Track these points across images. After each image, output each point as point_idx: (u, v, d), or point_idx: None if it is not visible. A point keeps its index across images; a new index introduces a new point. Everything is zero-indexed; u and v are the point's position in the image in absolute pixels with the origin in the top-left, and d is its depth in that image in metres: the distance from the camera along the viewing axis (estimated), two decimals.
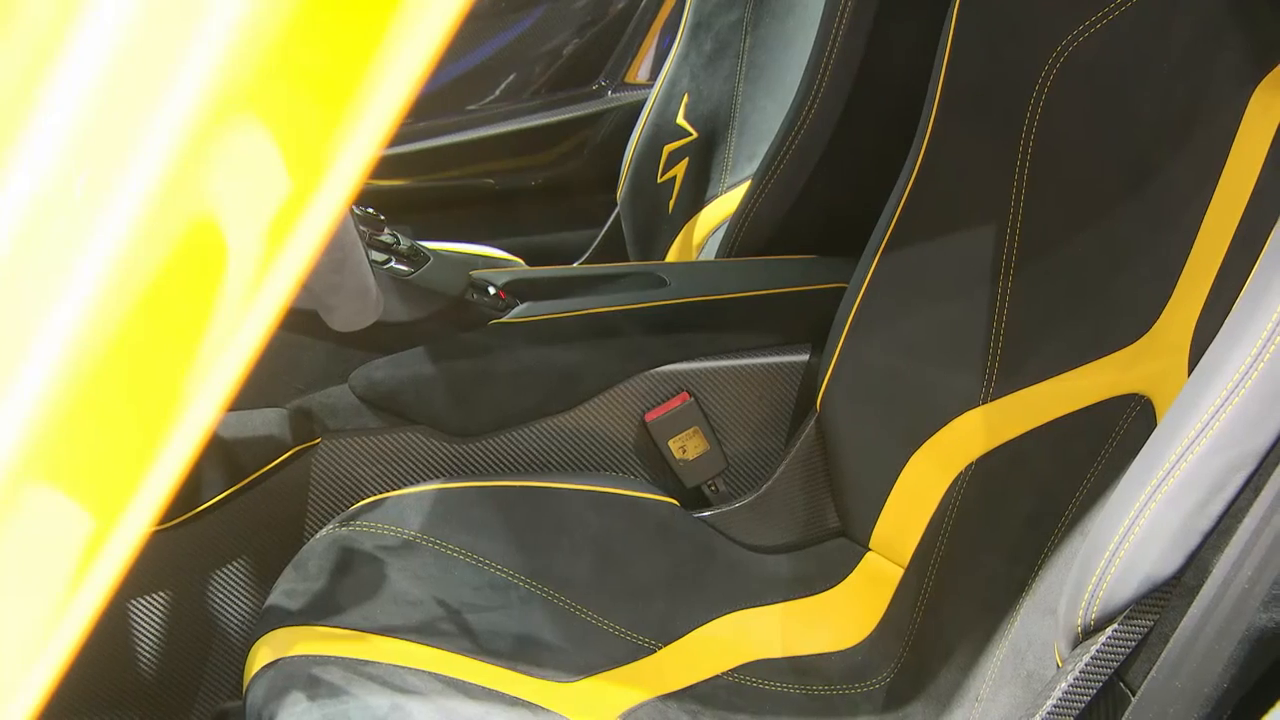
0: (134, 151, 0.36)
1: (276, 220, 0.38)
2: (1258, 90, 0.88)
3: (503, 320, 1.17)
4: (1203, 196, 0.91)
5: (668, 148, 1.66)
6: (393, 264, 1.12)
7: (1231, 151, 0.89)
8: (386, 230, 1.14)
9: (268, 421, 1.10)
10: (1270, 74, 0.87)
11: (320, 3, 0.37)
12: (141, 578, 1.07)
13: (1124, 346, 0.96)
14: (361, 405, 1.12)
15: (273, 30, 0.37)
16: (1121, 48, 0.95)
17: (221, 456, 1.07)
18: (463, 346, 1.14)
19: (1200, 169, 0.91)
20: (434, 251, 1.18)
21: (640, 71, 1.94)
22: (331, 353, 1.11)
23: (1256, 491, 0.71)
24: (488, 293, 1.19)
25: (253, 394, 1.10)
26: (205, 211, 0.38)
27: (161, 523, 1.06)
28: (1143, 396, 0.94)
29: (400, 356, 1.13)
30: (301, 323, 1.06)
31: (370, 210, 1.14)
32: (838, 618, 1.14)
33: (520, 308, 1.19)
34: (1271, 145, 0.86)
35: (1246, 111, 0.88)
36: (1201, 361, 0.77)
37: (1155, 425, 0.82)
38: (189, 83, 0.36)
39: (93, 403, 0.38)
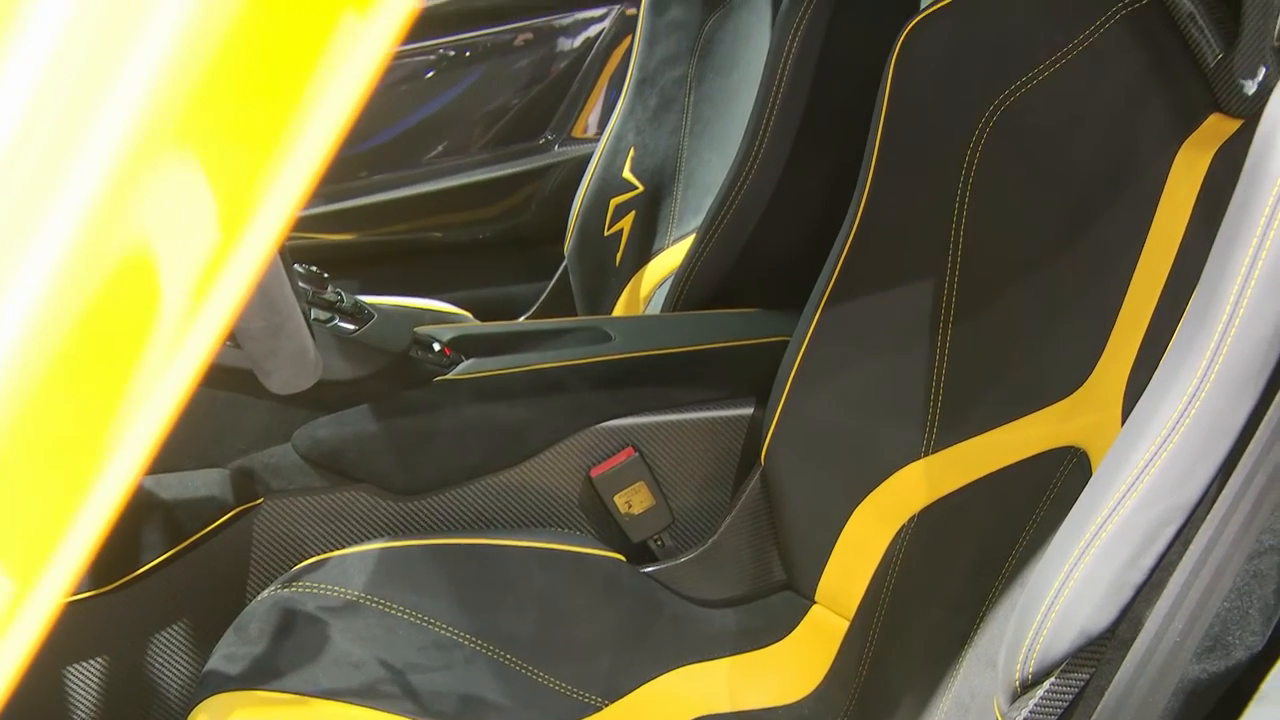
0: (56, 194, 0.36)
1: (202, 269, 0.38)
2: (1182, 149, 0.90)
3: (447, 377, 1.17)
4: (1132, 252, 0.93)
5: (614, 201, 1.68)
6: (336, 322, 1.11)
7: (1158, 208, 0.91)
8: (330, 288, 1.14)
9: (209, 482, 1.09)
10: (1193, 133, 0.90)
11: (246, 43, 0.37)
12: (78, 643, 1.06)
13: (1060, 399, 0.98)
14: (305, 464, 1.12)
15: (198, 72, 0.37)
16: (1051, 107, 0.98)
17: (161, 518, 1.06)
18: (407, 404, 1.14)
19: (1129, 225, 0.93)
20: (379, 308, 1.18)
21: (588, 126, 1.95)
22: (274, 412, 1.11)
23: (1186, 545, 0.72)
24: (432, 349, 1.19)
25: (194, 455, 1.09)
26: (127, 261, 0.38)
27: (98, 586, 1.05)
28: (1079, 449, 0.96)
29: (344, 415, 1.13)
30: (243, 382, 1.06)
31: (314, 268, 1.14)
32: (784, 671, 1.14)
33: (465, 364, 1.19)
34: (1196, 202, 0.88)
35: (1171, 169, 0.90)
36: (1131, 416, 0.78)
37: (1091, 478, 0.83)
38: (111, 125, 0.36)
39: (8, 457, 0.38)
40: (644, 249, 1.66)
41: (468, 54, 1.87)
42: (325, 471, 1.12)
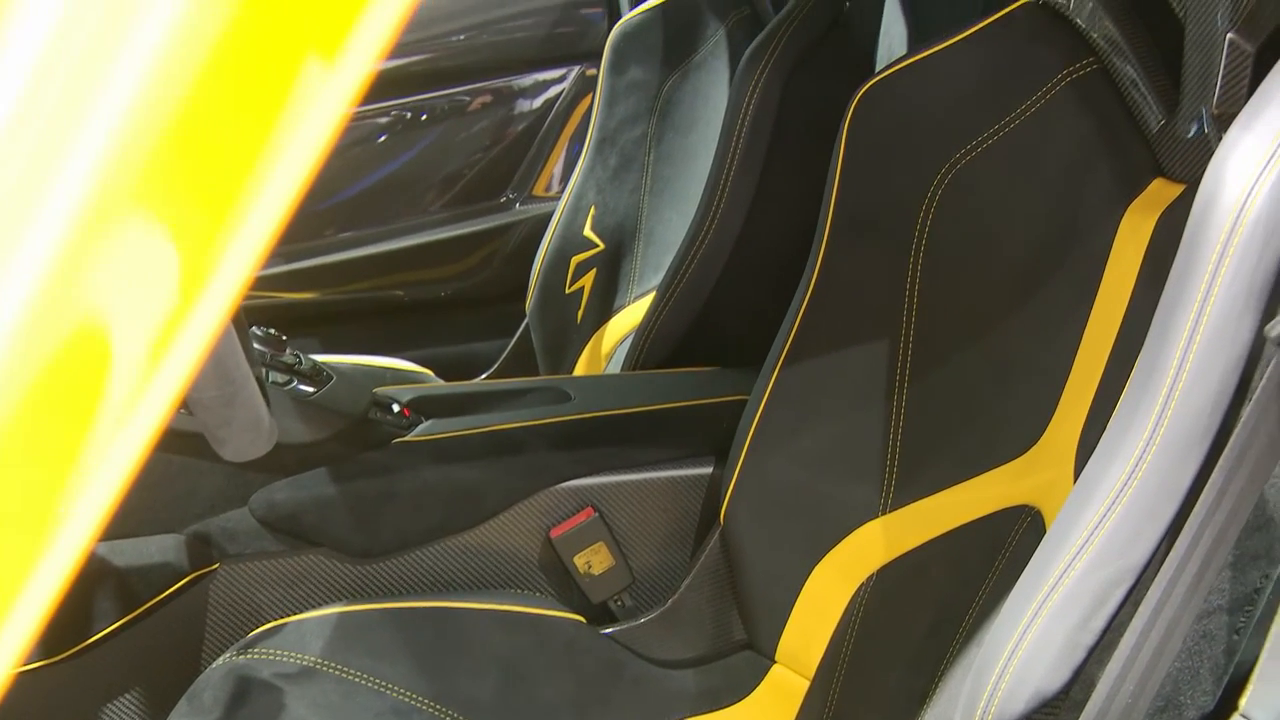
0: (6, 257, 0.36)
1: (155, 336, 0.38)
2: (1127, 212, 0.92)
3: (406, 439, 1.16)
4: (1082, 312, 0.94)
5: (575, 259, 1.69)
6: (295, 385, 1.11)
7: (1106, 270, 0.93)
8: (289, 350, 1.14)
9: (164, 548, 1.08)
10: (1138, 197, 0.92)
11: (203, 101, 0.37)
12: (28, 715, 1.04)
13: (1013, 458, 0.99)
14: (262, 528, 1.11)
15: (155, 131, 0.36)
16: (1001, 171, 0.99)
17: (114, 586, 1.05)
18: (365, 466, 1.14)
19: (1079, 286, 0.95)
20: (338, 369, 1.18)
21: (549, 184, 1.96)
22: (231, 476, 1.10)
23: (1136, 606, 0.73)
24: (392, 410, 1.19)
25: (149, 520, 1.08)
26: (78, 327, 0.37)
27: (49, 657, 1.03)
28: (1033, 508, 0.96)
29: (302, 478, 1.12)
30: (199, 447, 1.05)
31: (272, 330, 1.14)
32: None
33: (424, 425, 1.19)
34: (1141, 265, 0.89)
35: (1118, 233, 0.92)
36: (1081, 477, 0.79)
37: (1044, 536, 0.84)
38: (65, 185, 0.36)
39: None
40: (605, 306, 1.67)
41: (424, 116, 1.88)
42: (282, 535, 1.12)
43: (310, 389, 1.12)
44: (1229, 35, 0.80)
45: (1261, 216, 0.68)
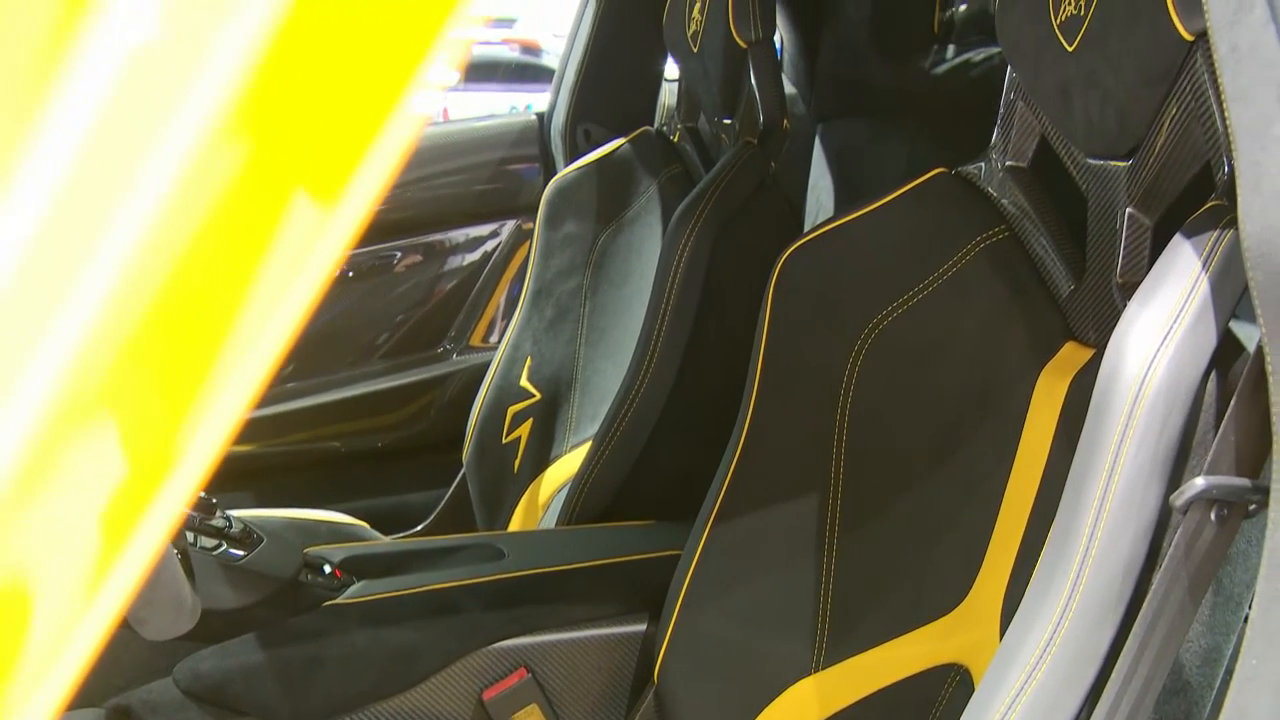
0: None
1: (111, 528, 0.37)
2: (1042, 375, 0.94)
3: (337, 601, 1.15)
4: (1002, 472, 0.96)
5: (512, 409, 1.70)
6: (224, 549, 1.10)
7: (1024, 430, 0.95)
8: (219, 513, 1.13)
9: None
10: (1052, 360, 0.94)
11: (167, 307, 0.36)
12: None
13: (941, 616, 0.99)
14: (186, 699, 1.08)
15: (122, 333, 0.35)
16: (920, 332, 1.02)
17: None
18: (294, 632, 1.12)
19: (999, 445, 0.97)
20: (269, 530, 1.17)
21: (487, 334, 1.98)
22: (156, 645, 1.08)
23: None
24: (323, 572, 1.18)
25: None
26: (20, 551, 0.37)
27: None
28: (961, 666, 0.97)
29: (228, 645, 1.10)
30: (123, 616, 1.04)
31: (202, 494, 1.13)
32: None
33: (356, 586, 1.18)
34: (1057, 427, 0.92)
35: (1034, 394, 0.94)
36: (1004, 641, 0.80)
37: (971, 699, 0.84)
38: (35, 382, 0.35)
39: None
40: (542, 456, 1.68)
41: (350, 274, 1.90)
42: (207, 706, 1.09)
43: (240, 553, 1.11)
44: (1128, 210, 0.83)
45: (1162, 390, 0.70)
